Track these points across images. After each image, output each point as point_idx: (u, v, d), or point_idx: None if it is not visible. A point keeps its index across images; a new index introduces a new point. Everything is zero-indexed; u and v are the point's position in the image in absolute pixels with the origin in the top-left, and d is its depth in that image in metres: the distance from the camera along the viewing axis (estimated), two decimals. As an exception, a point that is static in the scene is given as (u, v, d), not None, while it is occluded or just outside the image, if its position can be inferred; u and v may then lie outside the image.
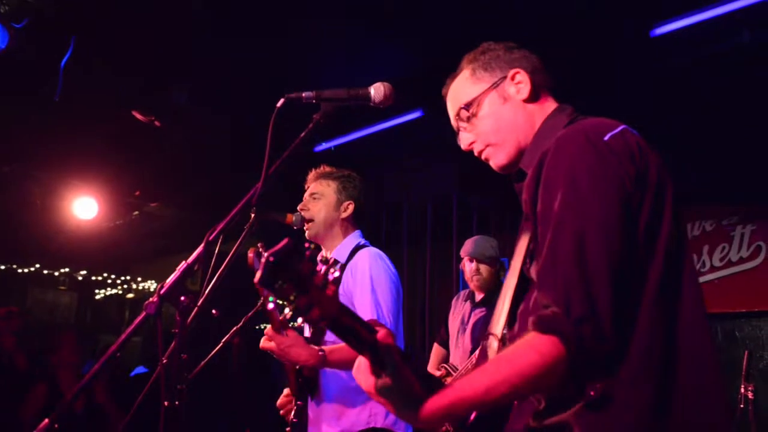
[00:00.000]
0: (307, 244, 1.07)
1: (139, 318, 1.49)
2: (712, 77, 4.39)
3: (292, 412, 2.62)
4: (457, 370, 3.99)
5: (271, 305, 0.98)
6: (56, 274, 10.44)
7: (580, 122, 1.47)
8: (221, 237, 1.69)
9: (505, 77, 1.63)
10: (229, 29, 4.40)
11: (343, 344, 2.52)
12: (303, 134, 1.72)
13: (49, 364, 5.48)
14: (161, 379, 1.52)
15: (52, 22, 4.16)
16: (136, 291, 11.04)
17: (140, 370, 7.77)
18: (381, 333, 1.21)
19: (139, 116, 5.34)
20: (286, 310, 1.06)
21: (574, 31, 4.09)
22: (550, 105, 1.63)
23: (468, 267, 4.17)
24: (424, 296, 7.36)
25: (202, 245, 1.58)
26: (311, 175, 2.93)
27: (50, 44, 4.33)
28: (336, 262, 1.08)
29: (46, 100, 4.62)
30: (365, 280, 2.58)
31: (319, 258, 1.08)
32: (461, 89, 1.68)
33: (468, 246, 4.22)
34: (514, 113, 1.60)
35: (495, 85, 1.63)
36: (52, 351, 5.54)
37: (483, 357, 1.49)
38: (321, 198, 2.82)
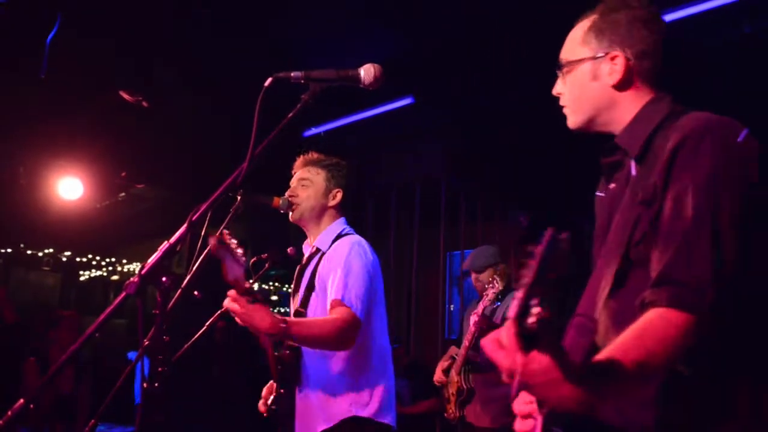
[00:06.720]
0: None
1: (119, 298, 1.46)
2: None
3: (271, 398, 2.58)
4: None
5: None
6: (40, 254, 10.34)
7: (702, 115, 1.47)
8: (208, 217, 1.66)
9: (606, 54, 1.59)
10: (218, 10, 4.34)
11: (307, 319, 2.55)
12: (291, 115, 1.69)
13: (46, 337, 5.46)
14: (141, 362, 1.50)
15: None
16: (121, 273, 10.97)
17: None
18: None
19: (126, 96, 5.27)
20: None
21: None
22: (645, 94, 1.59)
23: (472, 278, 4.48)
24: (410, 283, 7.36)
25: (185, 225, 1.56)
26: (299, 161, 2.88)
27: (36, 20, 4.25)
28: None
29: (32, 77, 4.55)
30: (339, 264, 2.59)
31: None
32: (570, 41, 1.67)
33: (465, 261, 4.53)
34: (598, 94, 1.61)
35: (593, 59, 1.61)
36: (51, 325, 5.51)
37: (582, 336, 1.51)
38: (310, 185, 2.78)
